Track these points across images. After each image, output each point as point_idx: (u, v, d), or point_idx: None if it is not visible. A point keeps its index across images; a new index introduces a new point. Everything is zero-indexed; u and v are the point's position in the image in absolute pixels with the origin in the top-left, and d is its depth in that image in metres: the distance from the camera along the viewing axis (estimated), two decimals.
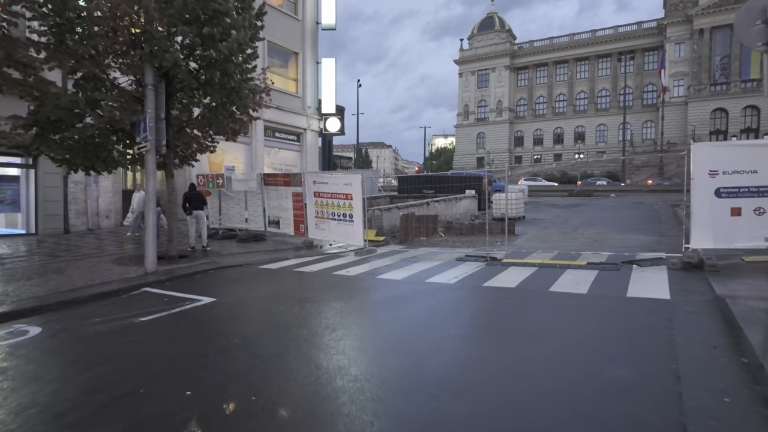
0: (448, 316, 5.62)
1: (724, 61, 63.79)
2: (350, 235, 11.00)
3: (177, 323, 5.59)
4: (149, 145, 8.40)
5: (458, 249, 11.41)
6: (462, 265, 8.95)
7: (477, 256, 9.59)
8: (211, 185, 13.63)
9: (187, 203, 11.20)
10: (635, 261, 8.29)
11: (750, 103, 60.70)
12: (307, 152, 24.14)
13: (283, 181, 12.62)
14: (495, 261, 9.08)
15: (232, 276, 8.64)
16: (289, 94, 22.97)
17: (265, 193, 13.32)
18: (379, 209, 13.44)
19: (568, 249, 10.78)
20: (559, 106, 76.58)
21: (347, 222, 11.01)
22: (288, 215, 12.61)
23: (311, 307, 6.13)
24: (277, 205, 13.01)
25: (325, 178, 11.46)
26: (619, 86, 71.65)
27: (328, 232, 11.54)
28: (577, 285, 6.80)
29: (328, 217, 11.47)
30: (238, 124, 11.00)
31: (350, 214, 10.91)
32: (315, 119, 24.45)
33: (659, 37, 67.24)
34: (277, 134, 22.61)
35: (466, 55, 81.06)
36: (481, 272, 8.17)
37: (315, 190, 11.70)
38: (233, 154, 20.47)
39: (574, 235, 13.50)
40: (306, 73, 23.86)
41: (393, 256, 10.44)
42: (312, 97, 24.31)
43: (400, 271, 8.55)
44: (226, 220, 14.23)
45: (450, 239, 13.36)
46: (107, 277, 8.23)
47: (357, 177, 10.68)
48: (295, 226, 12.40)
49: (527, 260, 9.07)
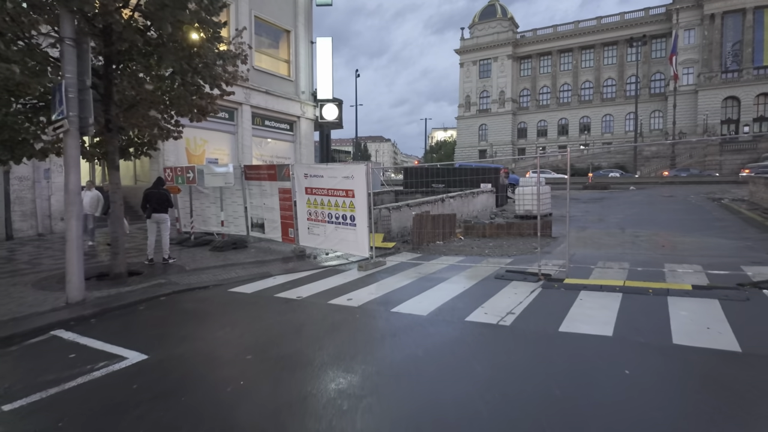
0: (538, 418, 3.17)
1: (736, 47, 61.36)
2: (352, 243, 8.56)
3: (51, 425, 3.15)
4: (68, 123, 5.92)
5: (489, 259, 8.98)
6: (507, 286, 6.52)
7: (523, 273, 7.15)
8: (181, 180, 11.14)
9: (147, 203, 8.73)
10: (760, 283, 5.87)
11: (763, 91, 58.44)
12: (301, 143, 21.60)
13: (267, 174, 10.15)
14: (552, 281, 6.65)
15: (187, 307, 6.19)
16: (279, 77, 20.40)
17: (247, 189, 10.86)
18: (387, 209, 10.99)
19: (635, 257, 8.36)
20: (564, 96, 74.15)
21: (348, 226, 8.57)
22: (274, 217, 10.15)
23: (290, 381, 3.70)
24: (260, 204, 10.55)
25: (319, 170, 8.99)
26: (626, 75, 69.28)
27: (324, 239, 9.09)
28: (708, 331, 4.38)
29: (323, 219, 9.02)
30: (205, 100, 8.51)
31: (351, 215, 8.46)
32: (310, 106, 21.91)
33: (668, 23, 64.75)
34: (267, 122, 20.07)
35: (467, 44, 78.32)
36: (541, 301, 5.75)
37: (307, 186, 9.24)
38: (216, 144, 17.95)
39: (625, 237, 11.06)
40: (299, 53, 21.27)
41: (408, 270, 8.01)
42: (306, 81, 21.74)
43: (422, 297, 6.12)
44: (200, 223, 11.74)
45: (473, 243, 10.94)
46: (9, 309, 5.78)
47: (360, 169, 8.23)
48: (283, 231, 9.95)
49: (597, 281, 6.63)
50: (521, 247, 10.24)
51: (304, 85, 21.61)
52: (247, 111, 18.67)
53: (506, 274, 7.19)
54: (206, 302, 6.35)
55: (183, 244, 10.99)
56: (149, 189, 8.88)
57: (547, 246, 10.20)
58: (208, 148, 17.54)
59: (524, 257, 8.97)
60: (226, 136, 18.33)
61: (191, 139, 16.89)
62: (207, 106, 8.69)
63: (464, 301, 5.85)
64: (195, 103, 8.39)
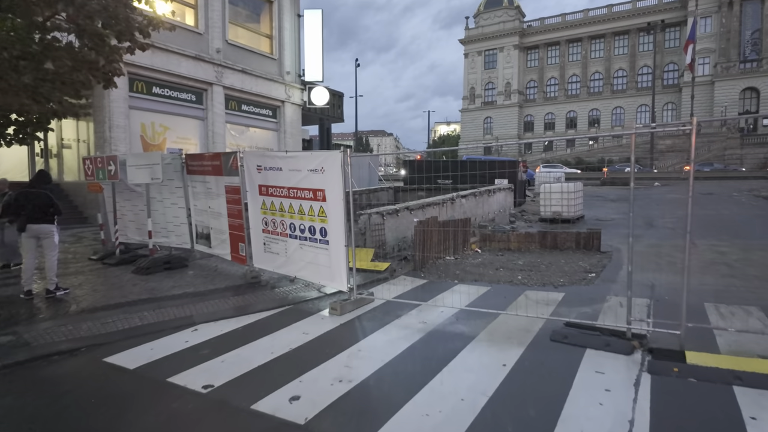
0: None
1: (755, 35, 58.19)
2: (323, 268, 5.69)
3: None
4: None
5: (527, 292, 6.11)
6: (582, 368, 3.65)
7: (599, 332, 4.26)
8: (102, 175, 8.27)
9: (19, 210, 5.85)
10: None
11: None
12: (286, 131, 18.68)
13: (211, 166, 7.27)
14: (660, 355, 3.76)
15: (16, 404, 3.33)
16: (260, 54, 17.45)
17: (191, 187, 7.99)
18: (380, 214, 8.07)
19: (757, 292, 5.50)
20: (572, 88, 71.09)
21: (317, 244, 5.70)
22: (221, 226, 7.29)
23: None
24: (205, 207, 7.69)
25: (276, 159, 6.09)
26: (638, 66, 66.20)
27: (285, 261, 6.22)
28: None
29: (283, 232, 6.16)
30: (105, 56, 5.63)
31: (322, 228, 5.59)
32: (296, 89, 18.97)
33: (682, 11, 61.57)
34: (245, 107, 17.15)
35: (472, 34, 75.13)
36: (670, 419, 2.88)
37: (261, 183, 6.37)
38: (181, 131, 15.05)
39: (705, 253, 8.12)
40: (283, 27, 18.31)
41: (405, 317, 5.14)
42: (292, 61, 18.79)
43: (430, 398, 3.26)
44: (133, 232, 8.84)
45: (495, 261, 8.08)
46: None
47: (333, 158, 5.33)
48: (232, 246, 7.09)
49: (752, 361, 3.74)
50: (564, 267, 7.37)
51: (290, 64, 18.67)
52: (219, 93, 15.76)
53: (569, 332, 4.31)
54: (42, 395, 3.48)
55: (105, 261, 8.14)
56: (23, 190, 5.99)
57: (600, 267, 7.33)
58: (170, 136, 14.65)
59: (579, 290, 6.11)
60: (193, 123, 15.44)
61: (148, 125, 14.02)
62: (106, 66, 5.79)
63: (517, 411, 3.00)
64: (84, 59, 5.49)
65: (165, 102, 14.36)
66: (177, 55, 14.21)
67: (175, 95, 14.62)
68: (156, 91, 14.10)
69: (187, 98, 14.98)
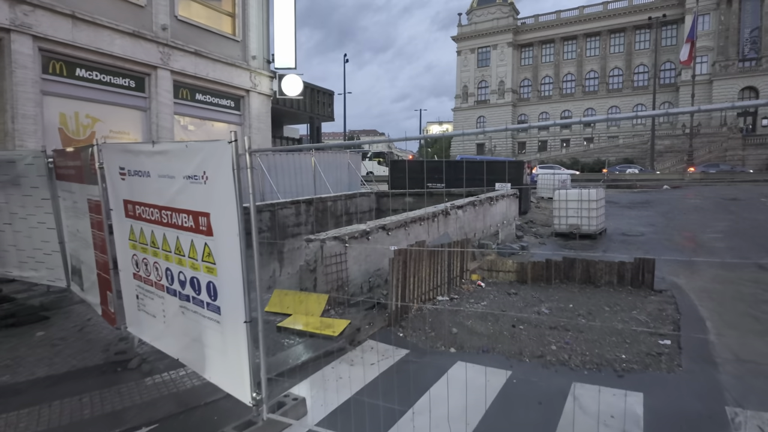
0: None
1: (755, 33, 56.71)
2: (214, 355, 3.12)
3: None
4: None
5: (570, 376, 3.60)
6: None
7: None
8: None
9: None
10: None
11: None
12: (251, 126, 16.01)
13: (74, 167, 4.68)
14: None
15: None
16: (219, 34, 14.78)
17: (61, 199, 5.36)
18: (339, 239, 5.48)
19: None
20: (567, 87, 69.30)
21: (203, 311, 3.12)
22: (90, 260, 4.68)
23: None
24: (75, 230, 5.07)
25: (142, 157, 3.48)
26: (634, 64, 64.59)
27: (164, 329, 3.63)
28: None
29: (159, 282, 3.56)
30: None
31: (210, 284, 3.01)
32: (264, 76, 16.31)
33: (679, 8, 60.00)
34: (200, 96, 14.47)
35: (464, 30, 73.02)
36: None
37: (127, 197, 3.77)
38: (115, 123, 12.32)
39: None
40: (248, 5, 15.65)
41: None
42: (259, 44, 16.14)
43: None
44: None
45: (508, 305, 5.57)
46: None
47: (219, 154, 2.76)
48: (102, 294, 4.48)
49: None
50: (614, 321, 4.87)
51: (256, 48, 16.01)
52: (166, 78, 13.06)
53: None
54: None
55: None
56: None
57: (668, 322, 4.85)
58: (100, 129, 11.91)
59: (663, 384, 3.63)
60: (132, 114, 12.71)
61: (70, 116, 11.28)
62: None
63: None
64: None
65: (94, 88, 11.64)
66: (109, 30, 11.52)
67: (107, 80, 11.90)
68: (81, 74, 11.38)
69: (124, 84, 12.27)
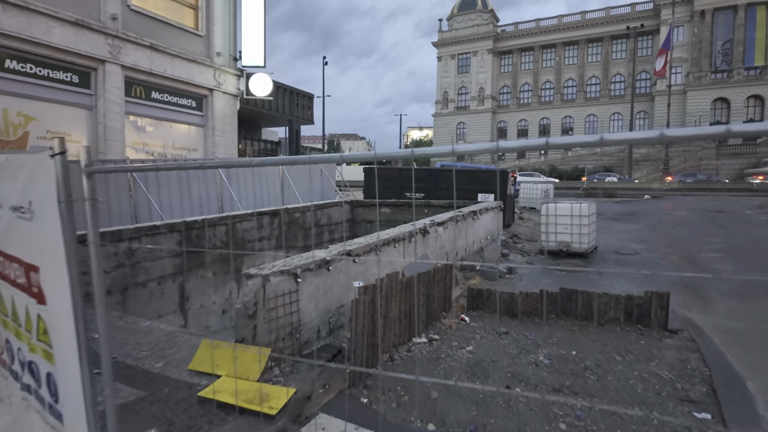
0: None
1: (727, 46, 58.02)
2: None
3: None
4: None
5: None
6: None
7: None
8: None
9: None
10: None
11: (754, 93, 55.39)
12: (215, 127, 14.72)
13: None
14: None
15: None
16: (178, 27, 13.49)
17: None
18: (289, 273, 4.36)
19: None
20: (546, 95, 69.72)
21: (43, 411, 1.98)
22: None
23: None
24: None
25: None
26: (611, 73, 65.50)
27: (12, 422, 2.46)
28: None
29: (4, 361, 2.39)
30: None
31: (49, 375, 1.89)
32: (230, 75, 15.07)
33: (655, 20, 61.09)
34: (157, 95, 13.13)
35: (445, 36, 72.79)
36: None
37: None
38: (55, 123, 10.89)
39: None
40: None
41: None
42: (224, 39, 14.90)
43: None
44: None
45: (500, 353, 4.55)
46: None
47: (44, 178, 1.66)
48: None
49: None
50: (630, 378, 3.91)
51: (221, 44, 14.77)
52: (116, 74, 11.70)
53: None
54: None
55: None
56: None
57: (697, 379, 3.92)
58: (35, 129, 10.48)
59: None
60: (75, 113, 11.30)
61: None
62: None
63: None
64: None
65: (27, 82, 10.22)
66: (46, 17, 10.14)
67: (44, 73, 10.50)
68: (11, 66, 9.96)
69: (65, 78, 10.88)
